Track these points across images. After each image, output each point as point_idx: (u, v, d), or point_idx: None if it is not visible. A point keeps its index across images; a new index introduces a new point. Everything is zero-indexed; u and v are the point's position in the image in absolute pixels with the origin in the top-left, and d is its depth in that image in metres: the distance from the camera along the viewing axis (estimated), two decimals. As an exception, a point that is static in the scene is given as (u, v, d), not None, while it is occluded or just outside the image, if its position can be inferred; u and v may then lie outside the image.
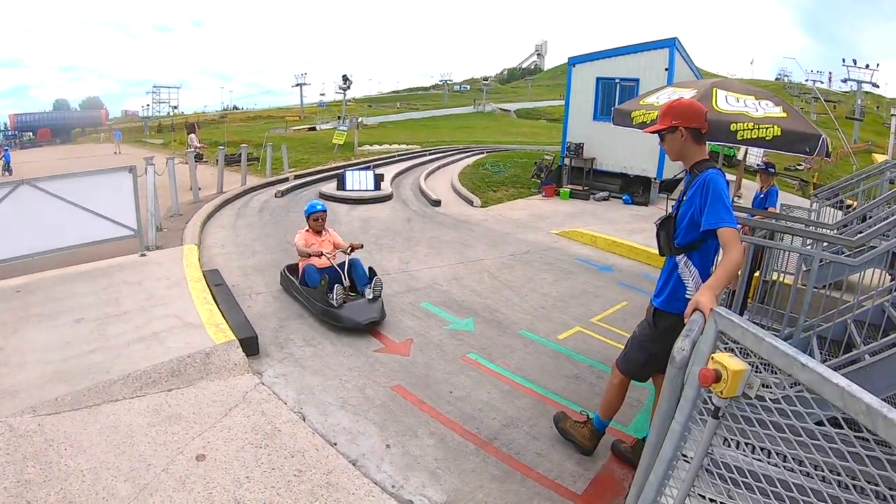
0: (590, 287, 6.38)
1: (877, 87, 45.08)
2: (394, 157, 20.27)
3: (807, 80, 51.99)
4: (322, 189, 11.88)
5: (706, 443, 1.43)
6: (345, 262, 5.10)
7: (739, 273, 5.24)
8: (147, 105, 69.19)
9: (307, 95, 65.03)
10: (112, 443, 2.84)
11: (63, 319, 4.21)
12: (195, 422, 3.06)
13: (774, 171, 6.05)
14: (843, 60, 43.56)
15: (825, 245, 4.31)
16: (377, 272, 5.13)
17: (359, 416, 3.31)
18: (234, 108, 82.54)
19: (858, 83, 42.10)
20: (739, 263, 2.14)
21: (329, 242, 5.36)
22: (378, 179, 11.97)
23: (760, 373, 1.37)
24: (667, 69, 11.02)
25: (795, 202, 9.61)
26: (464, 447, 3.09)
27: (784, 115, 3.99)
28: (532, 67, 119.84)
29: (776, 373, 1.32)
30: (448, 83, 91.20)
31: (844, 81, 43.89)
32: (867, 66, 42.57)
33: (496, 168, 15.53)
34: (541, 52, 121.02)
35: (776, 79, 65.57)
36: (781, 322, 4.32)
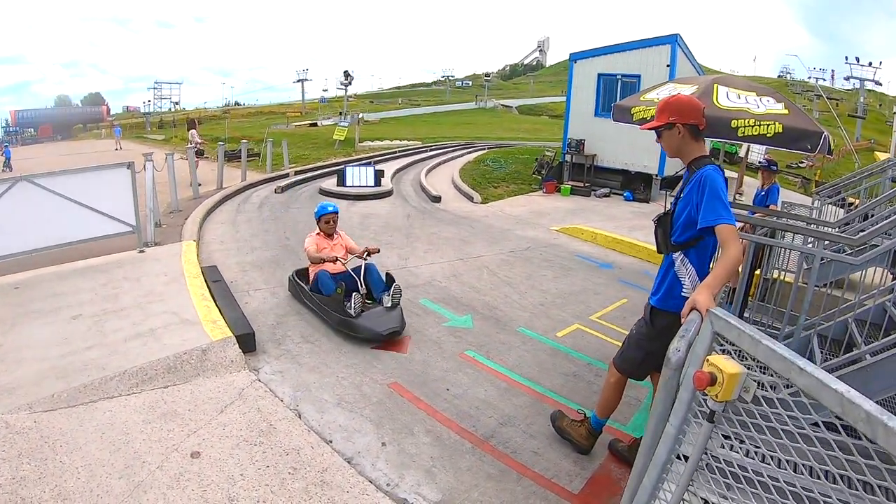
0: (589, 284, 6.36)
1: (879, 85, 44.85)
2: (395, 153, 20.25)
3: (809, 78, 51.79)
4: (322, 185, 11.86)
5: (700, 447, 1.40)
6: (360, 268, 4.81)
7: (740, 270, 5.21)
8: (148, 101, 69.34)
9: (309, 91, 65.04)
10: (107, 440, 2.83)
11: (61, 316, 4.21)
12: (190, 419, 3.05)
13: (776, 169, 6.01)
14: (846, 58, 43.29)
15: (826, 243, 4.28)
16: (394, 277, 4.84)
17: (355, 414, 3.30)
18: (236, 104, 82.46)
19: (861, 81, 41.84)
20: (738, 261, 2.11)
21: (341, 246, 5.08)
22: (378, 175, 11.93)
23: (757, 376, 1.34)
24: (668, 65, 10.94)
25: (797, 200, 9.55)
26: (460, 445, 3.07)
27: (785, 112, 3.94)
28: (534, 63, 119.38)
29: (774, 376, 1.29)
30: (450, 79, 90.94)
31: (847, 79, 43.63)
32: (870, 64, 42.32)
33: (497, 164, 15.48)
34: (543, 48, 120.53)
35: (779, 76, 65.27)
36: (782, 321, 4.31)
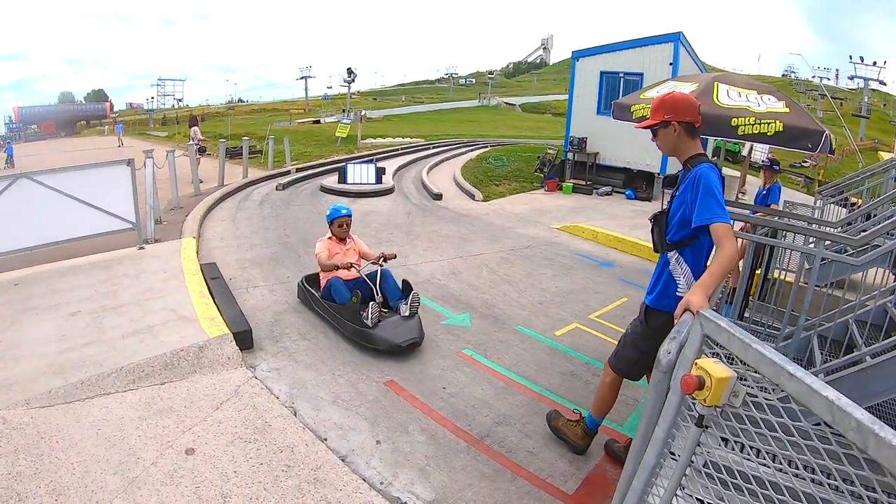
0: (589, 283, 6.34)
1: (884, 85, 44.46)
2: (397, 151, 20.24)
3: (813, 77, 51.38)
4: (323, 182, 11.87)
5: (689, 452, 1.38)
6: (376, 274, 4.55)
7: (740, 269, 5.19)
8: (152, 98, 69.31)
9: (312, 88, 64.98)
10: (103, 436, 2.83)
11: (59, 312, 4.21)
12: (186, 415, 3.06)
13: (778, 168, 5.97)
14: (850, 57, 42.91)
15: (828, 243, 4.25)
16: (411, 284, 4.57)
17: (350, 412, 3.30)
18: (239, 101, 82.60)
19: (865, 80, 41.51)
20: (733, 260, 2.08)
21: (354, 251, 4.81)
22: (379, 173, 11.93)
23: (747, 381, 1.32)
24: (671, 63, 10.89)
25: (800, 199, 9.50)
26: (455, 444, 3.07)
27: (786, 111, 3.91)
28: (538, 61, 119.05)
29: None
30: (453, 77, 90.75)
31: (851, 79, 43.28)
32: (874, 64, 41.99)
33: (499, 162, 15.46)
34: (547, 47, 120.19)
35: (783, 75, 64.91)
36: (782, 321, 4.28)
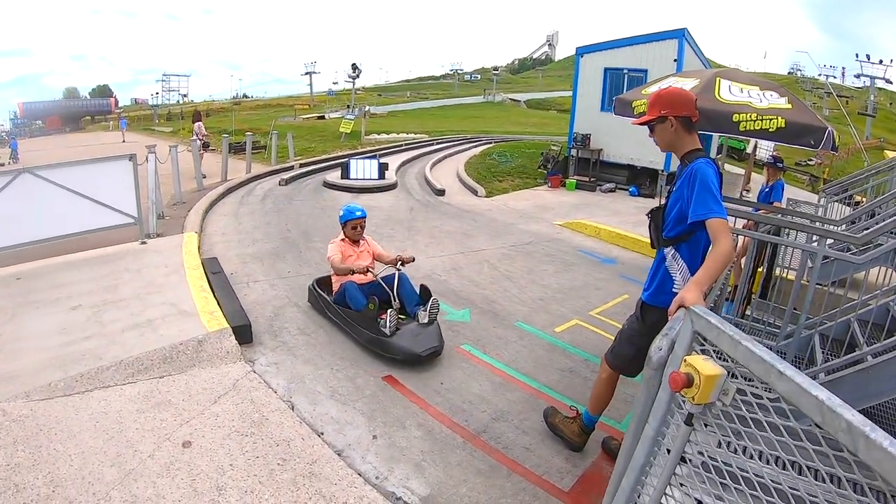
0: (591, 279, 6.32)
1: (890, 84, 43.83)
2: (401, 146, 20.22)
3: (820, 75, 50.95)
4: (326, 177, 11.87)
5: (678, 451, 1.37)
6: (393, 278, 4.32)
7: (742, 266, 5.16)
8: (157, 93, 69.62)
9: (317, 84, 64.91)
10: (101, 428, 2.85)
11: (61, 306, 4.24)
12: (184, 409, 3.07)
13: (781, 166, 5.92)
14: (857, 55, 42.25)
15: (830, 241, 4.21)
16: (430, 289, 4.35)
17: (347, 406, 3.31)
18: (244, 97, 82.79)
19: (872, 79, 40.94)
20: (729, 256, 2.06)
21: (368, 253, 4.61)
22: (382, 168, 11.92)
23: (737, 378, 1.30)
24: (676, 60, 10.81)
25: (805, 197, 9.43)
26: (451, 440, 3.07)
27: (789, 107, 3.88)
28: (543, 58, 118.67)
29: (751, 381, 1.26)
30: (458, 73, 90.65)
31: (858, 77, 42.71)
32: (881, 62, 41.43)
33: (503, 158, 15.42)
34: (552, 43, 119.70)
35: (789, 73, 64.40)
36: (784, 319, 4.25)
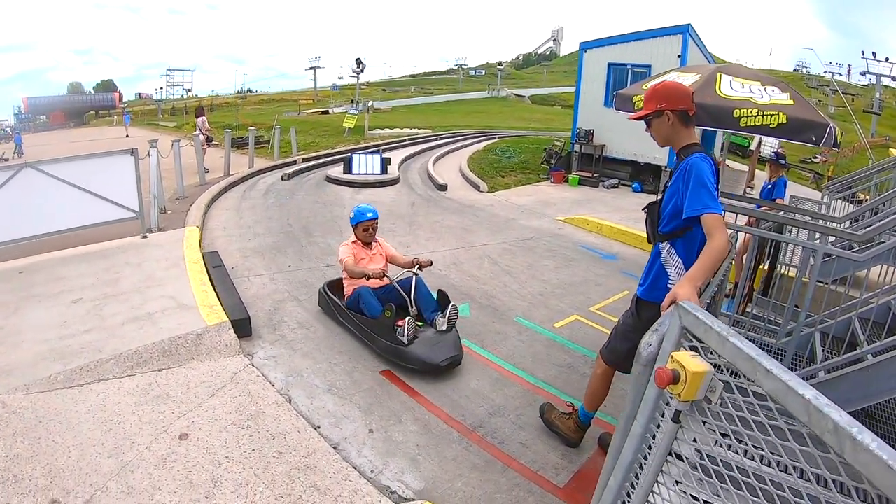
0: (591, 275, 6.31)
1: (896, 81, 43.52)
2: (404, 141, 20.22)
3: (825, 73, 50.53)
4: (329, 172, 11.88)
5: (665, 449, 1.37)
6: (410, 282, 4.14)
7: (743, 262, 5.14)
8: (161, 88, 69.83)
9: (321, 79, 64.98)
10: (99, 420, 2.87)
11: (61, 300, 4.26)
12: (182, 401, 3.09)
13: (784, 163, 5.88)
14: (863, 53, 41.87)
15: (833, 239, 4.18)
16: (448, 295, 4.13)
17: (344, 400, 3.32)
18: (249, 91, 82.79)
19: (878, 76, 40.45)
20: (723, 251, 2.04)
21: (381, 255, 4.45)
22: (385, 163, 11.91)
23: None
24: (679, 56, 10.74)
25: (808, 195, 9.38)
26: (447, 434, 3.08)
27: (790, 103, 3.84)
28: (548, 53, 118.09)
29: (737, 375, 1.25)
30: (463, 68, 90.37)
31: (863, 74, 42.24)
32: (887, 60, 40.93)
33: (506, 153, 15.38)
34: (557, 38, 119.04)
35: (794, 70, 63.92)
36: (784, 317, 4.23)
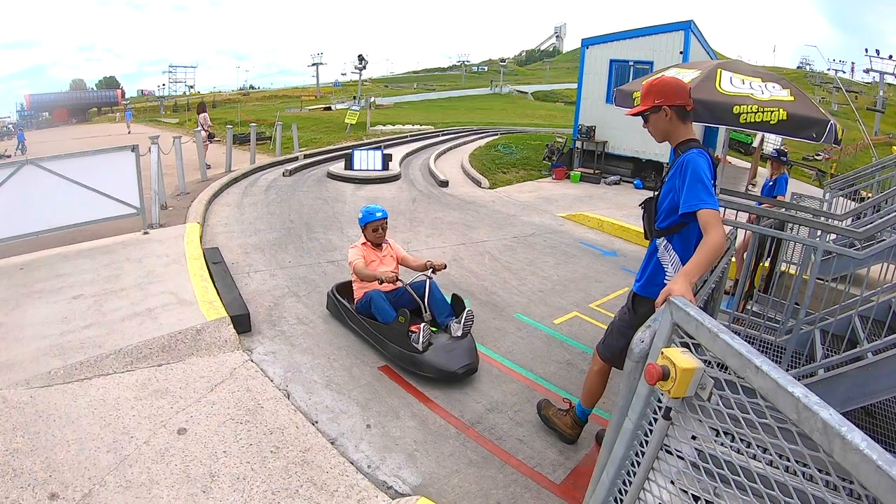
0: (592, 272, 6.31)
1: (899, 79, 43.12)
2: (406, 138, 20.20)
3: (829, 70, 50.13)
4: (330, 168, 11.88)
5: (656, 445, 1.37)
6: (423, 285, 3.98)
7: (744, 258, 5.12)
8: (163, 84, 69.76)
9: (324, 75, 64.88)
10: (99, 415, 2.89)
11: (62, 296, 4.28)
12: (181, 396, 3.10)
13: (786, 160, 5.87)
14: (866, 50, 41.58)
15: (834, 237, 4.16)
16: (463, 300, 3.99)
17: (343, 396, 3.33)
18: (251, 88, 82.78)
19: (881, 74, 40.11)
20: (719, 247, 2.02)
21: (392, 257, 4.29)
22: (386, 159, 11.91)
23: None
24: (682, 52, 10.70)
25: (810, 192, 9.34)
26: (445, 430, 3.08)
27: (791, 99, 3.82)
28: (551, 49, 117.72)
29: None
30: (465, 64, 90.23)
31: (867, 72, 41.90)
32: (890, 57, 40.55)
33: (508, 150, 15.37)
34: (560, 35, 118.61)
35: (798, 67, 63.54)
36: (785, 314, 4.22)
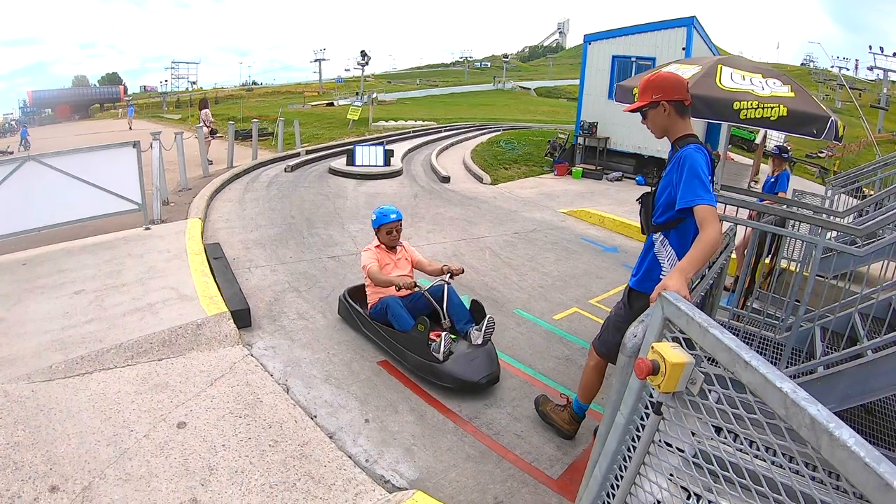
0: (592, 267, 6.31)
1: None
2: (409, 134, 20.17)
3: (832, 67, 49.86)
4: (332, 164, 11.89)
5: (647, 440, 1.37)
6: (441, 290, 3.80)
7: (744, 255, 5.11)
8: (165, 81, 69.80)
9: (326, 71, 64.56)
10: (99, 409, 2.91)
11: (64, 291, 4.31)
12: (181, 391, 3.13)
13: (787, 156, 5.84)
14: (870, 48, 41.15)
15: (834, 234, 4.15)
16: (483, 305, 3.79)
17: (342, 390, 3.35)
18: (254, 84, 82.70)
19: (885, 71, 39.85)
20: (715, 243, 2.03)
21: (406, 260, 4.12)
22: (388, 155, 11.91)
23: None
24: (684, 48, 10.66)
25: (813, 189, 9.31)
26: (443, 425, 3.10)
27: (791, 95, 3.82)
28: (554, 45, 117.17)
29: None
30: (468, 60, 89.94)
31: (871, 69, 41.70)
32: (894, 55, 40.45)
33: (510, 146, 15.35)
34: (563, 31, 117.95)
35: (801, 64, 63.20)
36: (784, 311, 4.21)
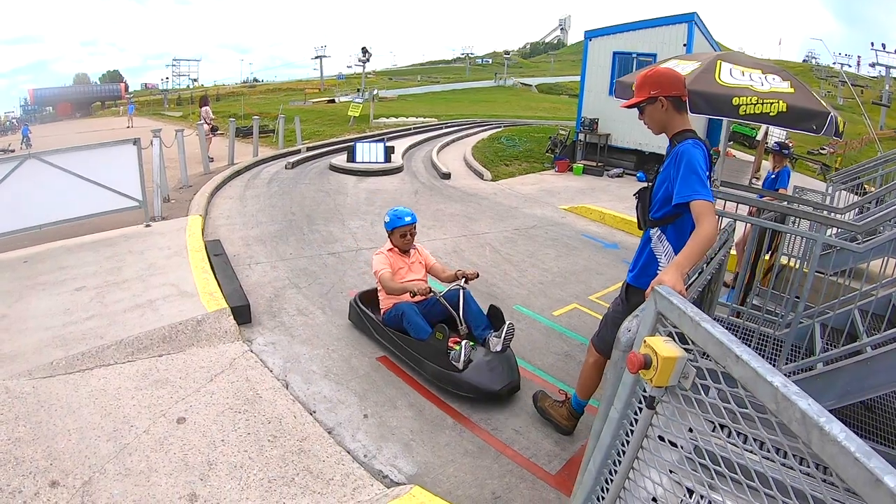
0: (592, 264, 6.31)
1: (905, 73, 42.62)
2: (410, 130, 20.18)
3: (834, 64, 49.74)
4: (332, 161, 11.90)
5: (640, 434, 1.38)
6: (457, 295, 3.66)
7: (744, 251, 5.11)
8: (167, 78, 69.88)
9: (327, 68, 64.70)
10: (99, 405, 2.93)
11: (65, 288, 4.32)
12: (180, 386, 3.14)
13: (788, 153, 5.83)
14: (872, 44, 41.09)
15: (835, 230, 4.14)
16: (501, 311, 3.70)
17: (341, 386, 3.36)
18: (255, 81, 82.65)
19: (887, 68, 39.75)
20: (711, 239, 2.03)
21: (420, 264, 3.98)
22: (388, 152, 11.92)
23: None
24: (685, 44, 10.63)
25: (814, 186, 9.28)
26: (441, 420, 3.11)
27: (791, 91, 3.81)
28: (555, 42, 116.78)
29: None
30: (469, 57, 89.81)
31: (873, 66, 41.63)
32: None
33: (511, 142, 15.34)
34: (564, 27, 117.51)
35: (803, 60, 62.96)
36: (784, 308, 4.22)
